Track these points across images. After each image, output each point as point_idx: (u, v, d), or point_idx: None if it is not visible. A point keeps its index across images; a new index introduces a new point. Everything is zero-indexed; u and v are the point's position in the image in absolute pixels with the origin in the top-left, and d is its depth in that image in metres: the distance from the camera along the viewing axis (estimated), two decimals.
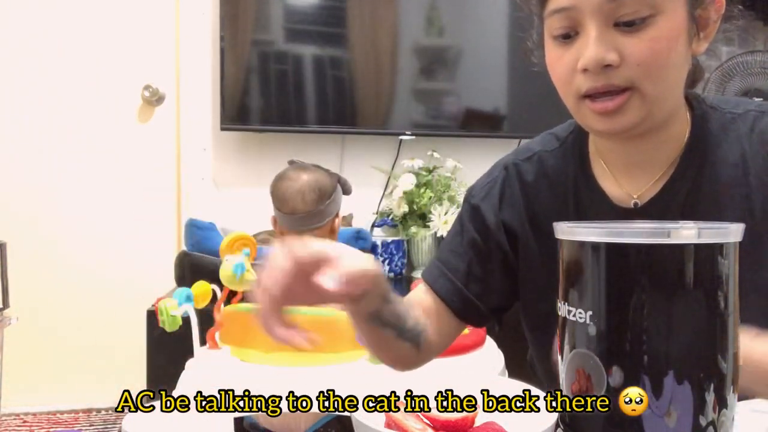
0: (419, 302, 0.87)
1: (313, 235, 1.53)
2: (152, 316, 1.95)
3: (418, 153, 2.59)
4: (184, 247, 2.13)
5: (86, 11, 2.47)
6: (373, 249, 2.41)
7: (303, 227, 1.51)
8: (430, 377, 0.72)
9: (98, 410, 2.45)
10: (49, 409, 2.44)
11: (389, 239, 2.47)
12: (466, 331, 1.08)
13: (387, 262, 2.45)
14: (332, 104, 2.53)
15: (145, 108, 2.53)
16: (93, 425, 2.32)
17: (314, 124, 2.50)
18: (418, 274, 2.44)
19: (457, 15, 2.58)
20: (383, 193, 2.63)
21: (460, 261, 0.87)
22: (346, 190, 1.59)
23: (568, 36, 0.71)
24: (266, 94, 2.48)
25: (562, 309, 0.50)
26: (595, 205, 0.81)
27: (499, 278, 0.87)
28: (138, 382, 2.07)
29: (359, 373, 1.20)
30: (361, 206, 2.48)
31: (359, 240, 2.23)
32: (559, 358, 0.52)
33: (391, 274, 2.46)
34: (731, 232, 0.46)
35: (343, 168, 2.60)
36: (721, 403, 0.45)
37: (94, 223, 2.49)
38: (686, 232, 0.45)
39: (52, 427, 2.28)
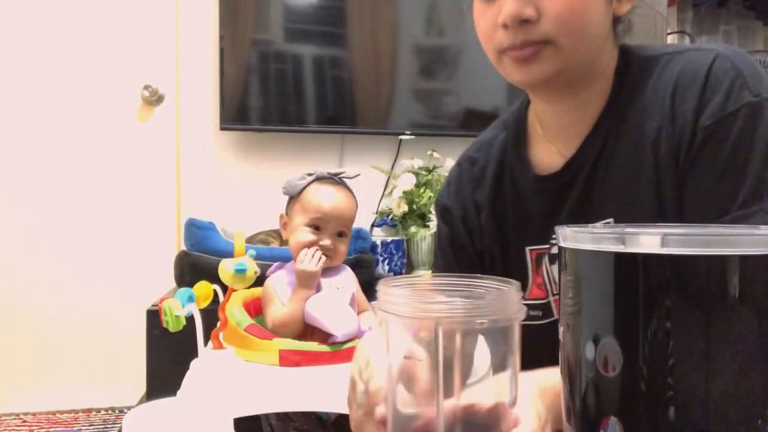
0: None
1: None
2: (152, 316, 1.95)
3: (418, 153, 2.59)
4: (183, 247, 2.13)
5: (86, 11, 2.46)
6: (372, 249, 2.41)
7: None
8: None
9: (98, 410, 2.45)
10: (49, 409, 2.43)
11: (389, 239, 2.47)
12: None
13: (386, 261, 2.45)
14: (332, 104, 2.53)
15: (144, 108, 2.53)
16: (93, 425, 2.32)
17: (314, 124, 2.50)
18: (417, 273, 2.44)
19: (457, 15, 2.58)
20: (383, 193, 2.63)
21: (448, 262, 0.92)
22: None
23: None
24: (266, 93, 2.48)
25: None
26: (523, 178, 0.84)
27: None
28: (138, 382, 2.08)
29: None
30: (360, 206, 2.47)
31: (359, 240, 2.23)
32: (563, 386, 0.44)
33: (391, 274, 2.46)
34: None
35: (342, 168, 2.60)
36: None
37: (93, 222, 2.49)
38: (646, 239, 0.34)
39: (52, 427, 2.28)
